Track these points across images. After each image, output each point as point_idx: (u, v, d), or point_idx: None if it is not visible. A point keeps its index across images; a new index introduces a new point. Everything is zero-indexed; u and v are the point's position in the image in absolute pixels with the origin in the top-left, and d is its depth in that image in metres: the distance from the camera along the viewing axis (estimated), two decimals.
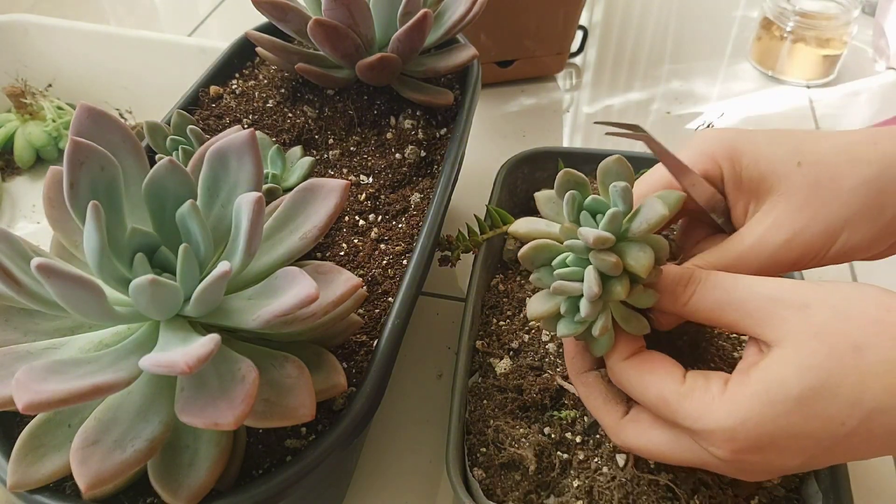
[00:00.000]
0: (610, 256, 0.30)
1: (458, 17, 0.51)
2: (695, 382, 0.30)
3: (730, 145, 0.35)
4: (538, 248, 0.32)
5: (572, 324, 0.32)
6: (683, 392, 0.30)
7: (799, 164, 0.34)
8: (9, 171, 0.71)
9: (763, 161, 0.34)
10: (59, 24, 0.75)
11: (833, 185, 0.33)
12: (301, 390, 0.32)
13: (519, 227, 0.33)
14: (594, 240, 0.29)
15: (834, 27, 0.79)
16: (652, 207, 0.29)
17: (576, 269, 0.31)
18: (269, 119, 0.53)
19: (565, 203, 0.31)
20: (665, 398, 0.31)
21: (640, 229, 0.30)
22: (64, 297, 0.28)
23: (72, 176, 0.31)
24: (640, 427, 0.33)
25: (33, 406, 0.26)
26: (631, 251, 0.30)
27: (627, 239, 0.31)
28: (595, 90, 0.83)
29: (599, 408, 0.34)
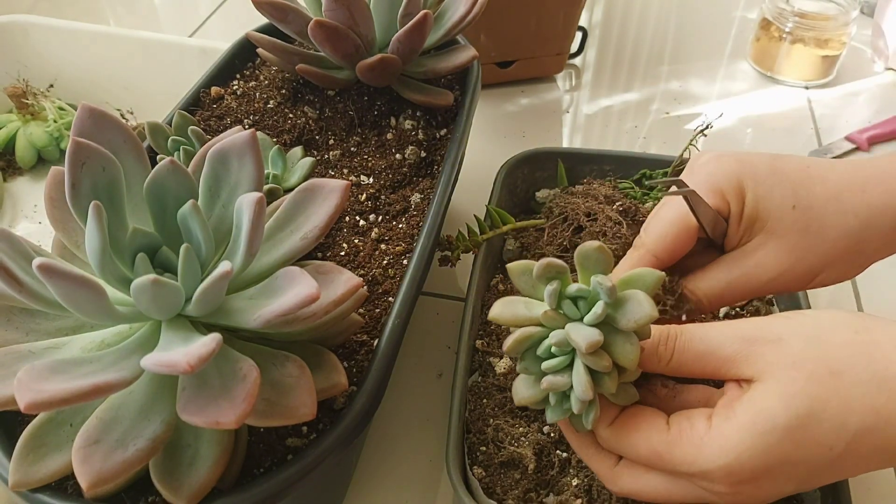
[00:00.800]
0: (602, 359, 0.30)
1: (458, 17, 0.51)
2: (679, 427, 0.31)
3: (737, 182, 0.37)
4: (522, 340, 0.32)
5: (561, 412, 0.32)
6: (671, 441, 0.31)
7: (793, 207, 0.36)
8: (10, 172, 0.71)
9: (762, 202, 0.37)
10: (59, 24, 0.75)
11: (820, 234, 0.36)
12: (302, 389, 0.32)
13: (500, 314, 0.33)
14: (587, 346, 0.29)
15: (832, 28, 0.79)
16: (640, 306, 0.29)
17: (563, 358, 0.31)
18: (270, 120, 0.53)
19: (548, 294, 0.30)
20: (656, 451, 0.31)
21: (627, 326, 0.30)
22: (65, 297, 0.28)
23: (73, 176, 0.31)
24: (636, 472, 0.33)
25: (35, 405, 0.26)
26: (617, 343, 0.30)
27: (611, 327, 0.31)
28: (595, 90, 0.84)
29: (592, 457, 0.35)
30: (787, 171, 0.37)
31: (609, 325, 0.30)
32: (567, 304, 0.31)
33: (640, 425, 0.32)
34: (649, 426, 0.32)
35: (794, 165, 0.37)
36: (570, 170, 0.58)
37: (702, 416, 0.31)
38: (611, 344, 0.30)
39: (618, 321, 0.30)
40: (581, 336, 0.29)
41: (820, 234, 0.36)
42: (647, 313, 0.29)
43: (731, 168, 0.37)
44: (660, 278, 0.31)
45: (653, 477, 0.32)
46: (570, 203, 0.52)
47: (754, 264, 0.37)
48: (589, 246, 0.30)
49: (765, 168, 0.37)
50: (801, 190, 0.36)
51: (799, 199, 0.36)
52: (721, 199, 0.37)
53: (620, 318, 0.30)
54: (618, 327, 0.30)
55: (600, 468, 0.34)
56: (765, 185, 0.37)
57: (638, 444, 0.32)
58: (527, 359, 0.32)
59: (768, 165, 0.37)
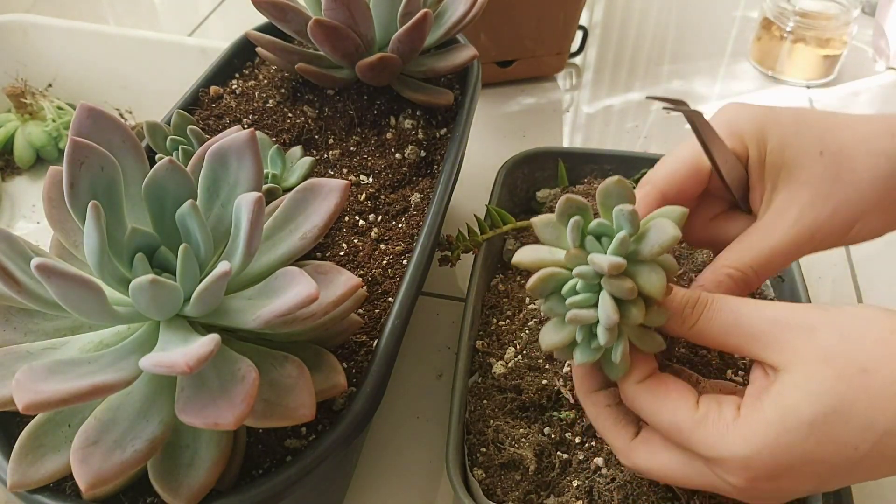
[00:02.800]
0: (625, 282, 0.29)
1: (458, 17, 0.51)
2: (708, 408, 0.30)
3: (758, 127, 0.36)
4: (546, 279, 0.31)
5: (589, 351, 0.31)
6: (697, 419, 0.30)
7: (821, 153, 0.35)
8: (9, 171, 0.71)
9: (788, 148, 0.35)
10: (58, 24, 0.75)
11: (852, 178, 0.34)
12: (301, 390, 0.32)
13: (523, 258, 0.32)
14: (609, 267, 0.28)
15: (834, 27, 0.79)
16: (663, 230, 0.29)
17: (588, 295, 0.30)
18: (269, 119, 0.53)
19: (569, 229, 0.30)
20: (678, 425, 0.30)
21: (651, 252, 0.29)
22: (64, 297, 0.28)
23: (72, 176, 0.31)
24: (652, 449, 0.32)
25: (33, 406, 0.26)
26: (643, 273, 0.30)
27: (637, 261, 0.30)
28: (595, 90, 0.83)
29: (609, 429, 0.34)
30: (813, 118, 0.36)
31: (633, 259, 0.30)
32: (590, 241, 0.30)
33: (670, 394, 0.31)
34: (679, 398, 0.31)
35: (820, 115, 0.36)
36: (571, 169, 0.58)
37: (732, 404, 0.30)
38: (636, 274, 0.29)
39: (641, 251, 0.29)
40: (603, 259, 0.29)
41: (852, 179, 0.34)
42: (672, 234, 0.28)
43: (753, 114, 0.36)
44: (684, 214, 0.30)
45: (669, 456, 0.32)
46: None
47: (793, 222, 0.35)
48: (609, 181, 0.30)
49: (789, 116, 0.36)
50: (827, 135, 0.35)
51: (826, 144, 0.35)
52: (739, 144, 0.36)
53: (644, 247, 0.29)
54: (642, 257, 0.29)
55: (616, 440, 0.33)
56: (789, 131, 0.35)
57: (662, 411, 0.31)
58: (552, 300, 0.32)
59: (792, 114, 0.36)
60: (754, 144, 0.36)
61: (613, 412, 0.34)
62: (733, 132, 0.36)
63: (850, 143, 0.35)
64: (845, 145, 0.35)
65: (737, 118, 0.37)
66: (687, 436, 0.30)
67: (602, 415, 0.34)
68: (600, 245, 0.30)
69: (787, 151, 0.35)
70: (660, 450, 0.32)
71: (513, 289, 0.50)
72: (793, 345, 0.29)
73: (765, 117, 0.36)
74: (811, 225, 0.35)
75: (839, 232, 0.35)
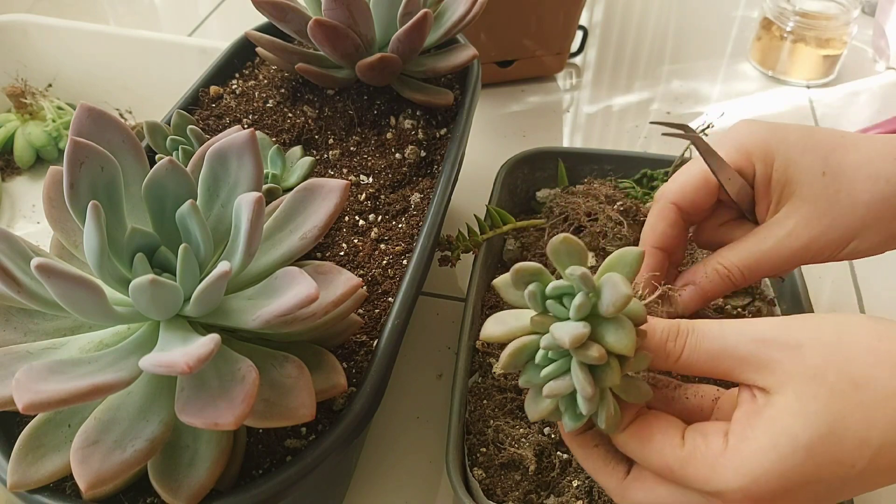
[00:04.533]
0: (592, 350, 0.28)
1: (458, 17, 0.51)
2: (694, 443, 0.30)
3: (765, 146, 0.37)
4: (516, 353, 0.30)
5: (576, 417, 0.31)
6: (684, 456, 0.30)
7: (823, 173, 0.36)
8: (9, 171, 0.71)
9: (792, 166, 0.37)
10: (59, 24, 0.75)
11: (850, 199, 0.36)
12: (301, 390, 0.32)
13: (492, 331, 0.32)
14: (570, 340, 0.27)
15: (834, 27, 0.79)
16: (614, 288, 0.28)
17: (561, 361, 0.30)
18: (269, 119, 0.53)
19: (528, 299, 0.29)
20: (668, 466, 0.30)
21: (608, 313, 0.28)
22: (64, 297, 0.28)
23: (72, 176, 0.31)
24: (646, 485, 0.32)
25: (33, 406, 0.26)
26: (609, 331, 0.29)
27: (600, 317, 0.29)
28: (595, 90, 0.83)
29: (600, 470, 0.33)
30: (819, 138, 0.37)
31: (597, 315, 0.29)
32: (552, 304, 0.29)
33: (654, 436, 0.31)
34: (663, 437, 0.31)
35: (827, 134, 0.37)
36: (571, 169, 0.58)
37: (718, 434, 0.30)
38: (603, 334, 0.29)
39: (601, 309, 0.29)
40: (564, 332, 0.28)
41: (850, 199, 0.36)
42: (622, 293, 0.27)
43: (761, 132, 0.38)
44: (639, 256, 0.29)
45: (664, 490, 0.31)
46: (570, 203, 0.52)
47: (786, 233, 0.37)
48: (555, 240, 0.29)
49: (796, 135, 0.37)
50: (831, 157, 0.36)
51: (829, 165, 0.36)
52: (746, 161, 0.37)
53: (601, 306, 0.28)
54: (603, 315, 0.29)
55: (608, 481, 0.33)
56: (795, 150, 0.37)
57: (650, 456, 0.31)
58: (528, 371, 0.31)
59: (800, 133, 0.37)
60: (761, 162, 0.37)
61: (602, 452, 0.33)
62: (741, 150, 0.38)
63: (852, 165, 0.36)
64: (847, 167, 0.36)
65: (747, 137, 0.38)
66: (679, 475, 0.30)
67: (591, 456, 0.34)
68: (563, 306, 0.29)
69: (791, 169, 0.37)
70: (654, 485, 0.32)
71: None
72: (781, 365, 0.29)
73: (772, 136, 0.37)
74: (805, 238, 0.36)
75: (833, 248, 0.37)
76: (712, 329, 0.30)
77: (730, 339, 0.30)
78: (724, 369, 0.30)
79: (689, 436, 0.30)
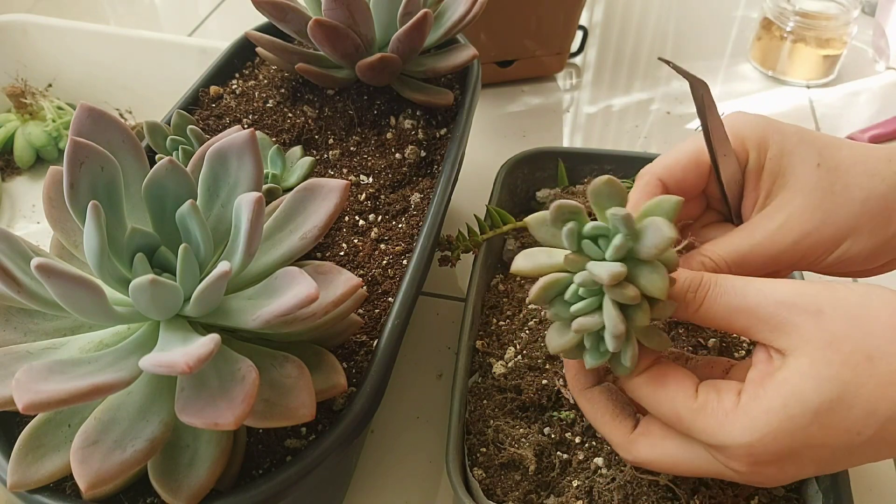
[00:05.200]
0: (627, 289, 0.29)
1: (458, 17, 0.51)
2: (707, 396, 0.30)
3: (761, 133, 0.36)
4: (547, 287, 0.30)
5: (599, 354, 0.31)
6: (696, 408, 0.30)
7: (818, 165, 0.35)
8: (9, 171, 0.71)
9: (787, 156, 0.35)
10: (59, 24, 0.75)
11: (846, 193, 0.35)
12: (301, 390, 0.32)
13: (522, 265, 0.32)
14: (609, 278, 0.28)
15: (834, 27, 0.79)
16: (658, 230, 0.28)
17: (591, 300, 0.30)
18: (269, 119, 0.53)
19: (565, 236, 0.29)
20: (678, 414, 0.30)
21: (648, 255, 0.29)
22: (64, 297, 0.28)
23: (72, 176, 0.31)
24: (652, 439, 0.32)
25: (33, 406, 0.26)
26: (643, 274, 0.29)
27: (637, 260, 0.29)
28: (595, 90, 0.83)
29: (607, 423, 0.34)
30: (815, 135, 0.36)
31: (633, 258, 0.29)
32: (587, 244, 0.30)
33: (668, 384, 0.31)
34: (677, 387, 0.31)
35: (822, 133, 0.37)
36: (571, 169, 0.58)
37: (731, 391, 0.30)
38: (637, 276, 0.29)
39: (639, 252, 0.29)
40: (603, 269, 0.28)
41: (845, 194, 0.34)
42: (666, 236, 0.28)
43: (757, 122, 0.37)
44: (678, 203, 0.29)
45: (671, 444, 0.32)
46: None
47: (777, 226, 0.35)
48: (599, 181, 0.29)
49: (792, 128, 0.36)
50: (826, 151, 0.35)
51: (824, 158, 0.35)
52: (740, 147, 0.36)
53: (641, 248, 0.29)
54: (640, 258, 0.29)
55: (615, 435, 0.33)
56: (790, 141, 0.36)
57: (662, 402, 0.31)
58: (556, 305, 0.31)
59: (795, 127, 0.37)
60: (755, 149, 0.36)
61: (610, 407, 0.34)
62: (736, 136, 0.36)
63: (847, 161, 0.35)
64: (843, 162, 0.35)
65: (741, 124, 0.37)
66: (687, 424, 0.30)
67: (599, 410, 0.34)
68: (598, 247, 0.30)
69: (785, 160, 0.35)
70: (660, 440, 0.32)
71: (513, 289, 0.50)
72: (799, 328, 0.29)
73: (768, 126, 0.37)
74: (797, 231, 0.35)
75: (825, 245, 0.35)
76: (735, 285, 0.31)
77: (751, 297, 0.30)
78: (741, 326, 0.30)
79: (702, 389, 0.31)
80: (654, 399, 0.31)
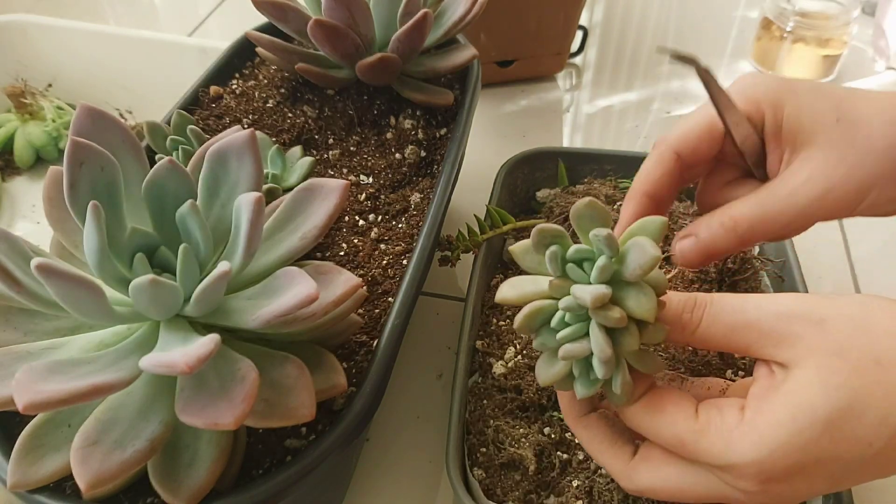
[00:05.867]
0: (613, 311, 0.28)
1: (458, 17, 0.51)
2: (709, 416, 0.29)
3: (774, 94, 0.35)
4: (532, 315, 0.30)
5: (589, 383, 0.30)
6: (699, 429, 0.29)
7: (838, 119, 0.34)
8: (8, 171, 0.71)
9: (804, 113, 0.35)
10: (59, 24, 0.75)
11: (868, 144, 0.33)
12: (301, 390, 0.32)
13: (507, 294, 0.31)
14: (592, 300, 0.27)
15: (834, 27, 0.79)
16: (642, 251, 0.28)
17: (578, 326, 0.29)
18: (269, 119, 0.53)
19: (548, 261, 0.29)
20: (681, 438, 0.29)
21: (633, 276, 0.28)
22: (64, 297, 0.28)
23: (72, 176, 0.31)
24: (653, 464, 0.31)
25: (33, 406, 0.26)
26: (630, 297, 0.28)
27: (623, 282, 0.29)
28: (595, 90, 0.83)
29: (605, 451, 0.32)
30: (829, 89, 0.35)
31: (619, 280, 0.29)
32: (571, 268, 0.29)
33: (667, 407, 0.30)
34: (677, 411, 0.30)
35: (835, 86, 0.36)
36: (571, 169, 0.58)
37: (733, 407, 0.29)
38: (623, 298, 0.28)
39: (624, 273, 0.28)
40: (586, 292, 0.27)
41: (868, 145, 0.33)
42: (651, 255, 0.27)
43: (769, 82, 0.36)
44: (663, 224, 0.29)
45: (673, 470, 0.30)
46: (570, 203, 0.52)
47: (802, 182, 0.34)
48: (580, 204, 0.29)
49: (804, 85, 0.36)
50: (844, 104, 0.34)
51: (843, 112, 0.34)
52: (754, 108, 0.35)
53: (626, 270, 0.28)
54: (626, 279, 0.28)
55: (614, 463, 0.32)
56: (806, 98, 0.35)
57: (662, 428, 0.30)
58: (543, 334, 0.30)
59: (808, 84, 0.36)
60: (770, 109, 0.35)
61: (608, 433, 0.32)
62: (749, 98, 0.35)
63: (866, 112, 0.34)
64: (862, 114, 0.34)
65: (753, 85, 0.36)
66: (692, 448, 0.29)
67: (596, 438, 0.33)
68: (583, 271, 0.29)
69: (803, 117, 0.35)
70: (663, 465, 0.31)
71: None
72: (803, 339, 0.28)
73: (780, 85, 0.36)
74: (822, 186, 0.34)
75: (852, 197, 0.34)
76: (732, 302, 0.30)
77: (750, 312, 0.29)
78: (742, 343, 0.29)
79: (703, 409, 0.29)
80: (654, 425, 0.30)
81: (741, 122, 0.35)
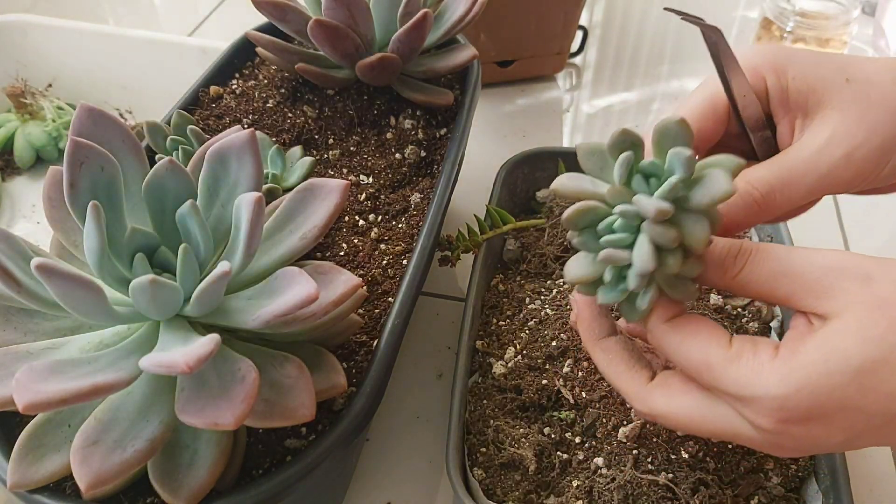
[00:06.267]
0: (669, 230, 0.27)
1: (458, 17, 0.51)
2: (742, 347, 0.29)
3: (773, 59, 0.34)
4: (584, 211, 0.29)
5: (616, 292, 0.30)
6: (730, 356, 0.28)
7: (847, 80, 0.33)
8: (9, 171, 0.71)
9: (811, 76, 0.33)
10: (59, 24, 0.75)
11: (884, 101, 0.32)
12: (301, 390, 0.32)
13: (565, 185, 0.30)
14: (655, 213, 0.27)
15: (834, 27, 0.79)
16: (717, 182, 0.27)
17: (625, 235, 0.29)
18: (269, 119, 0.53)
19: (619, 164, 0.28)
20: (709, 362, 0.29)
21: (701, 204, 0.27)
22: (64, 297, 0.28)
23: (72, 176, 0.31)
24: (670, 392, 0.31)
25: (33, 406, 0.26)
26: (688, 223, 0.28)
27: (683, 208, 0.28)
28: (595, 90, 0.83)
29: (622, 374, 0.32)
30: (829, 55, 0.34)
31: (679, 206, 0.28)
32: (637, 180, 0.29)
33: (701, 331, 0.30)
34: (710, 335, 0.29)
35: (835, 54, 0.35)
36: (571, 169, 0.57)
37: (768, 345, 0.29)
38: (680, 222, 0.28)
39: (691, 199, 0.28)
40: (651, 203, 0.27)
41: (884, 103, 0.32)
42: (725, 189, 0.27)
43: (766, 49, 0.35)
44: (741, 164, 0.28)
45: (689, 399, 0.30)
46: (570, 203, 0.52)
47: (825, 141, 0.32)
48: (670, 119, 0.28)
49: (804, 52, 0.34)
50: (850, 67, 0.33)
51: (851, 73, 0.33)
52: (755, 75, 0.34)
53: (694, 196, 0.28)
54: (690, 206, 0.28)
55: (630, 386, 0.32)
56: (808, 62, 0.34)
57: (692, 349, 0.29)
58: (585, 234, 0.30)
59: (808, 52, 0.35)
60: (772, 74, 0.34)
61: (626, 356, 0.32)
62: (748, 66, 0.34)
63: (875, 73, 0.33)
64: (869, 74, 0.33)
65: (752, 54, 0.35)
66: (718, 373, 0.28)
67: (613, 361, 0.32)
68: (647, 186, 0.29)
69: (811, 78, 0.33)
70: (679, 393, 0.30)
71: (513, 289, 0.50)
72: (847, 292, 0.28)
73: (779, 51, 0.34)
74: (846, 144, 0.32)
75: (876, 157, 0.32)
76: (778, 252, 0.29)
77: (797, 263, 0.29)
78: (783, 293, 0.29)
79: (737, 340, 0.29)
80: (685, 347, 0.29)
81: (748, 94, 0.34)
